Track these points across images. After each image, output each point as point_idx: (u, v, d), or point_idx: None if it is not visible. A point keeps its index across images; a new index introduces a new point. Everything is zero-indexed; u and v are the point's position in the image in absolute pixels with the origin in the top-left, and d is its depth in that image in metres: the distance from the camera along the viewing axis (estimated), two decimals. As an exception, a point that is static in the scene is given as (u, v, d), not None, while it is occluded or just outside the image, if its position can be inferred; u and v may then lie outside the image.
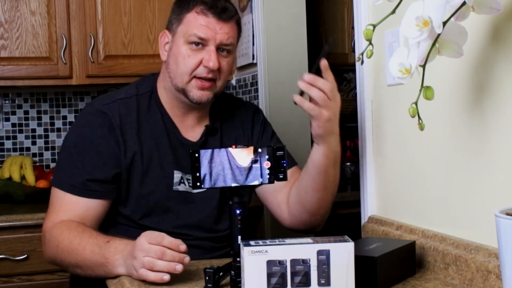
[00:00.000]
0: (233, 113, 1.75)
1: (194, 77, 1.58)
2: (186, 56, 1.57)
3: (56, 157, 3.07)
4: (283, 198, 1.67)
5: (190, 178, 1.48)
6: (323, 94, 1.42)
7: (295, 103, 1.44)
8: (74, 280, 1.71)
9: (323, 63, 1.43)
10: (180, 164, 1.62)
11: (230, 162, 1.24)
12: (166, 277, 1.26)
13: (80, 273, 1.49)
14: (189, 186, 1.63)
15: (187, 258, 1.29)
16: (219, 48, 1.58)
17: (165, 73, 1.64)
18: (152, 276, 1.27)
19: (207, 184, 1.23)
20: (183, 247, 1.29)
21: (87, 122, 1.61)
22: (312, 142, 1.55)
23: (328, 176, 1.55)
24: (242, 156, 1.24)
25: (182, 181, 1.62)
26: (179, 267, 1.27)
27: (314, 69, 1.42)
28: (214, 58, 1.55)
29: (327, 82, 1.44)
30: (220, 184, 1.24)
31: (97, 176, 1.56)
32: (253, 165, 1.25)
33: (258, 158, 1.25)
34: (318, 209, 1.61)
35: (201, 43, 1.56)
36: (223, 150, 1.24)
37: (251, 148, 1.25)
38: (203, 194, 1.64)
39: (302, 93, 1.43)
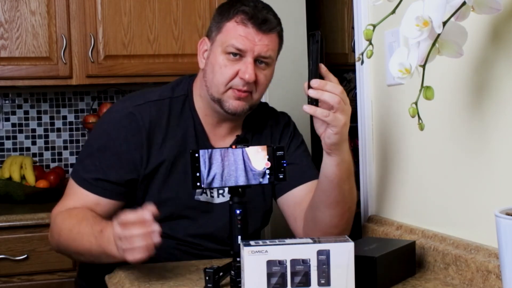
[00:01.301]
0: (265, 124, 1.70)
1: (230, 88, 1.53)
2: (223, 66, 1.52)
3: (56, 157, 3.08)
4: (301, 212, 1.60)
5: (213, 188, 1.49)
6: (338, 97, 1.33)
7: (308, 112, 1.36)
8: (79, 280, 1.71)
9: (323, 68, 1.35)
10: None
11: (231, 162, 1.24)
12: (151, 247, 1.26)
13: (84, 260, 1.50)
14: (211, 196, 1.59)
15: (155, 227, 1.27)
16: (257, 60, 1.53)
17: (202, 80, 1.60)
18: (138, 254, 1.26)
19: (207, 184, 1.23)
20: (147, 216, 1.27)
21: (114, 120, 1.58)
22: (314, 150, 1.51)
23: (342, 190, 1.45)
24: (246, 156, 1.24)
25: (204, 191, 1.58)
26: (156, 239, 1.26)
27: (313, 74, 1.34)
28: (250, 71, 1.50)
29: (337, 85, 1.36)
30: (219, 184, 1.24)
31: (110, 177, 1.53)
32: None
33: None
34: (331, 227, 1.49)
35: (238, 54, 1.52)
36: (223, 150, 1.24)
37: (251, 148, 1.25)
38: (223, 205, 1.58)
39: (311, 102, 1.35)
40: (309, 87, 1.34)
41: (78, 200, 1.54)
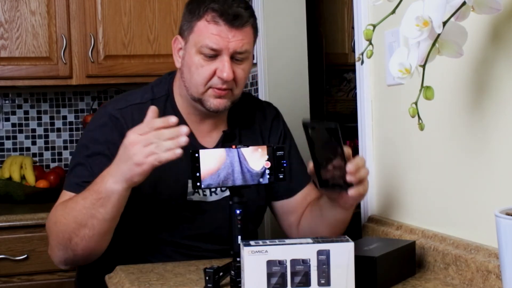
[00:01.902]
0: (252, 118, 1.70)
1: (210, 87, 1.52)
2: (199, 66, 1.51)
3: (56, 157, 3.08)
4: (295, 221, 1.64)
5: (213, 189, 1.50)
6: (368, 170, 1.39)
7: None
8: (79, 280, 1.71)
9: (348, 151, 1.35)
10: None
11: (231, 162, 1.24)
12: (179, 151, 1.28)
13: (87, 234, 1.40)
14: (204, 195, 1.58)
15: (184, 129, 1.29)
16: (233, 57, 1.51)
17: (180, 80, 1.59)
18: (164, 155, 1.28)
19: (206, 184, 1.23)
20: (173, 119, 1.29)
21: (99, 126, 1.56)
22: None
23: (348, 221, 1.56)
24: (246, 156, 1.24)
25: (196, 190, 1.57)
26: (183, 139, 1.28)
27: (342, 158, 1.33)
28: (228, 69, 1.48)
29: (362, 158, 1.41)
30: (220, 184, 1.24)
31: None
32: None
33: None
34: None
35: (213, 53, 1.50)
36: (224, 150, 1.24)
37: (251, 148, 1.25)
38: (216, 204, 1.59)
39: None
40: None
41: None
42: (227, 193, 1.58)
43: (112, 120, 1.54)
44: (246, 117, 1.69)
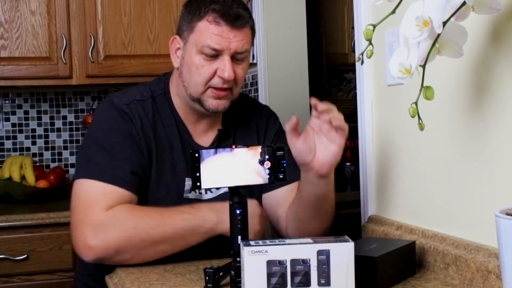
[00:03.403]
0: (248, 117, 1.70)
1: (209, 87, 1.53)
2: (199, 66, 1.52)
3: (56, 157, 3.08)
4: (282, 213, 1.64)
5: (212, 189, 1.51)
6: (342, 119, 1.39)
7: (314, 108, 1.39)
8: (80, 279, 1.71)
9: (313, 101, 1.38)
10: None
11: (231, 162, 1.24)
12: None
13: (165, 251, 1.42)
14: (199, 193, 1.59)
15: None
16: (234, 57, 1.52)
17: (178, 80, 1.59)
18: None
19: (207, 185, 1.23)
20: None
21: (112, 118, 1.54)
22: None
23: (330, 202, 1.52)
24: (246, 156, 1.24)
25: (193, 188, 1.55)
26: None
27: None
28: (229, 69, 1.50)
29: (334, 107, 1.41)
30: (220, 184, 1.24)
31: (137, 169, 1.49)
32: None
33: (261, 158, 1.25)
34: (316, 230, 1.56)
35: (214, 53, 1.50)
36: (224, 150, 1.24)
37: (251, 148, 1.25)
38: (216, 199, 1.59)
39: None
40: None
41: (116, 200, 1.44)
42: (222, 191, 1.59)
43: (123, 116, 1.54)
44: (242, 117, 1.69)
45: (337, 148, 1.39)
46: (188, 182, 1.57)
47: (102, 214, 1.41)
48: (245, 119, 1.70)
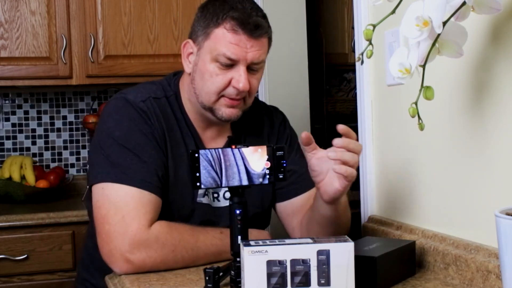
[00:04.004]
0: (259, 124, 1.66)
1: (222, 96, 1.48)
2: (214, 74, 1.46)
3: (56, 157, 3.08)
4: (297, 223, 1.61)
5: (215, 191, 1.50)
6: (357, 156, 1.33)
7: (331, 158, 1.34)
8: (80, 280, 1.71)
9: (340, 127, 1.32)
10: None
11: (231, 162, 1.23)
12: None
13: (193, 266, 1.42)
14: (214, 200, 1.56)
15: None
16: (249, 67, 1.47)
17: (189, 85, 1.53)
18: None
19: (206, 184, 1.23)
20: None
21: (131, 116, 1.48)
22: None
23: (341, 221, 1.49)
24: (246, 156, 1.24)
25: (206, 193, 1.54)
26: None
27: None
28: (244, 80, 1.44)
29: (359, 144, 1.35)
30: (219, 184, 1.24)
31: (162, 172, 1.46)
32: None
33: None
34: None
35: (230, 63, 1.45)
36: (224, 150, 1.24)
37: (251, 148, 1.25)
38: (225, 209, 1.55)
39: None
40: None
41: (150, 209, 1.41)
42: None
43: (140, 113, 1.48)
44: (252, 123, 1.65)
45: (339, 188, 1.36)
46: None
47: (144, 231, 1.38)
48: (256, 125, 1.66)
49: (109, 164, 1.44)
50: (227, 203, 1.55)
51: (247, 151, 1.25)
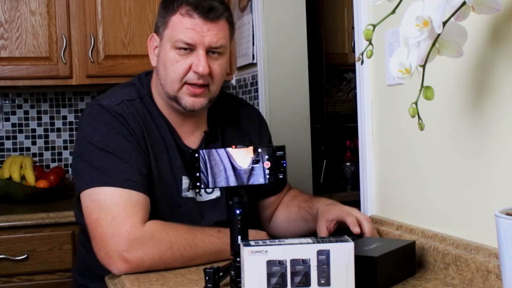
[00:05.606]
0: (235, 118, 1.68)
1: (185, 83, 1.50)
2: (174, 61, 1.49)
3: (56, 157, 3.07)
4: (268, 215, 1.74)
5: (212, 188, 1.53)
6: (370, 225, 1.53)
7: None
8: (80, 280, 1.70)
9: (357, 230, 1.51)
10: (188, 170, 1.56)
11: (231, 162, 1.24)
12: None
13: (192, 265, 1.43)
14: (195, 194, 1.58)
15: None
16: (209, 51, 1.49)
17: (156, 79, 1.57)
18: None
19: (206, 184, 1.23)
20: None
21: (107, 121, 1.49)
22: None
23: None
24: (242, 156, 1.24)
25: (190, 187, 1.56)
26: None
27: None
28: (203, 63, 1.47)
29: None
30: (220, 184, 1.24)
31: (145, 170, 1.47)
32: (255, 166, 1.25)
33: (260, 158, 1.24)
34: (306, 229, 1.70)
35: (189, 48, 1.48)
36: (224, 150, 1.24)
37: (251, 148, 1.25)
38: (210, 202, 1.60)
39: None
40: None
41: (141, 208, 1.42)
42: (219, 192, 1.59)
43: (116, 117, 1.50)
44: (227, 117, 1.68)
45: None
46: (185, 181, 1.57)
47: (138, 229, 1.38)
48: (232, 119, 1.68)
49: (92, 169, 1.44)
50: (209, 197, 1.59)
51: (247, 151, 1.25)
